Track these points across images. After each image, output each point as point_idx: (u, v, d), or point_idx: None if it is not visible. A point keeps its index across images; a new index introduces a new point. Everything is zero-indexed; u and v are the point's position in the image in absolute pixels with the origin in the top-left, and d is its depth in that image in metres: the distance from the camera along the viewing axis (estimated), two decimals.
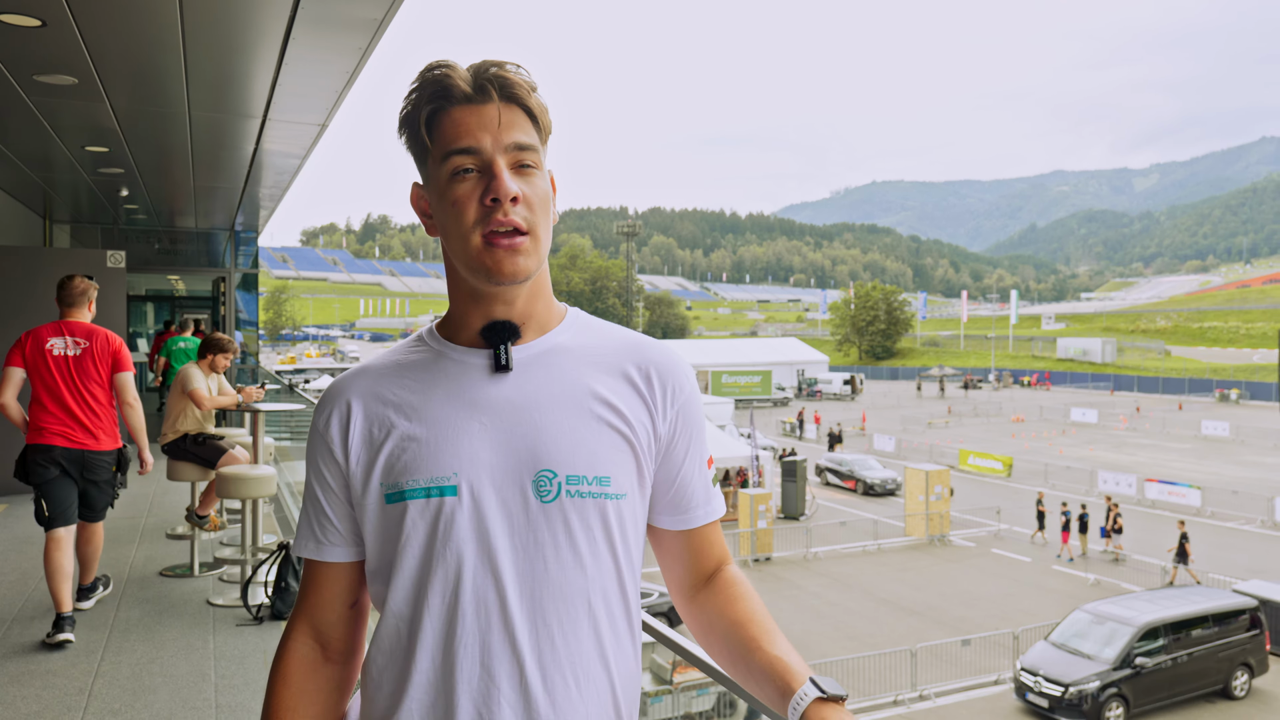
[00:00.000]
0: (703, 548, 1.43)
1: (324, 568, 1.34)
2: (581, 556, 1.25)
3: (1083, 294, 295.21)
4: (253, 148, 7.26)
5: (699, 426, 1.42)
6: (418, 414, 1.27)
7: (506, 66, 1.27)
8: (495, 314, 1.30)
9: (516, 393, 1.28)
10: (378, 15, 4.08)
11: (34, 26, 4.26)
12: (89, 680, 4.25)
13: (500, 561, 1.22)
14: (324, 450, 1.32)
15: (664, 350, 1.39)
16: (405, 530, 1.23)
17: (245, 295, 15.84)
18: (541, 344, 1.32)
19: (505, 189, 1.22)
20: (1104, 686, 15.06)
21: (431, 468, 1.23)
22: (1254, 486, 32.46)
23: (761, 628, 1.33)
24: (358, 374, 1.35)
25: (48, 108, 5.93)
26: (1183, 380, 75.47)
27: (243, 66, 4.99)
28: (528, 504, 1.23)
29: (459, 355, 1.31)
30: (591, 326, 1.39)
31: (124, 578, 6.00)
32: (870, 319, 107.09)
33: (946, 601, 21.00)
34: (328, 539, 1.33)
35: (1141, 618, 16.05)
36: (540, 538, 1.23)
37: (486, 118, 1.24)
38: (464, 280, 1.30)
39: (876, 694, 15.92)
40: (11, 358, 5.02)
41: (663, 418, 1.35)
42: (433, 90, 1.25)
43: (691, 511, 1.41)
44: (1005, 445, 43.33)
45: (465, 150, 1.23)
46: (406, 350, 1.37)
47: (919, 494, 26.88)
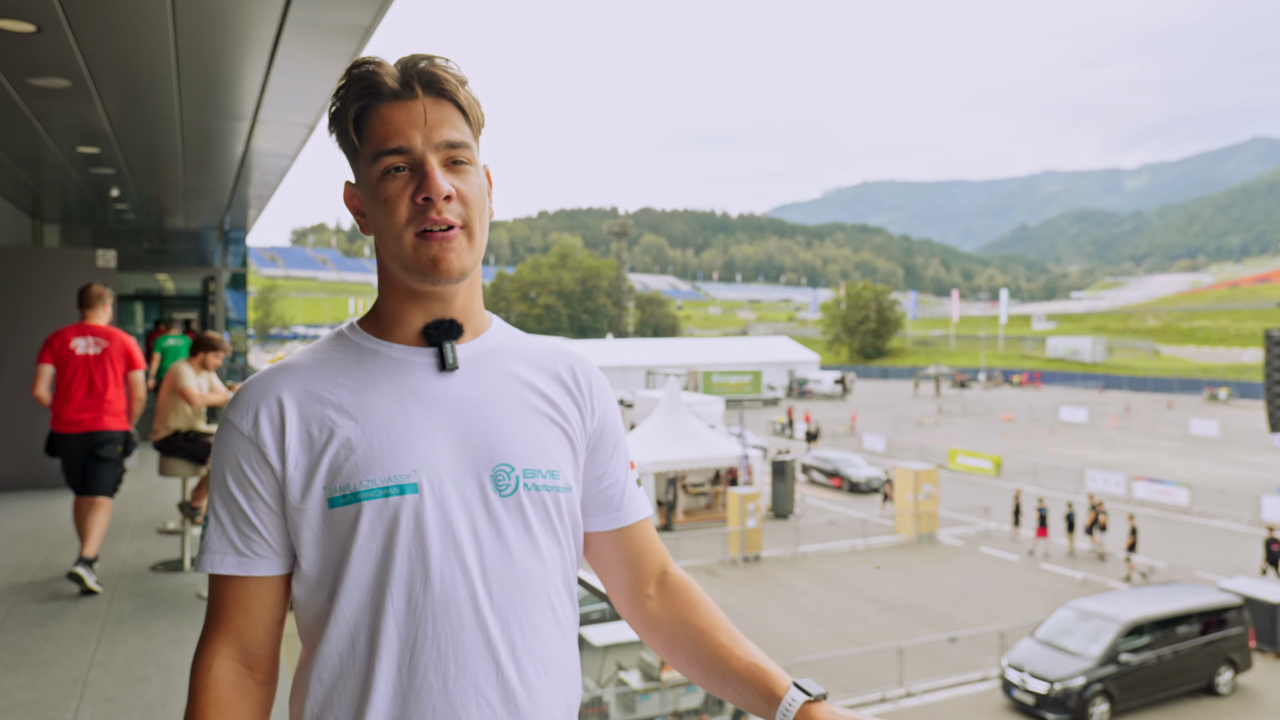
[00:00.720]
0: (641, 547, 1.44)
1: (251, 584, 1.25)
2: (540, 548, 1.26)
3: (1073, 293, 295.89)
4: (242, 149, 7.35)
5: (621, 428, 1.45)
6: (362, 413, 1.23)
7: (435, 61, 1.25)
8: (435, 312, 1.29)
9: (465, 390, 1.28)
10: (365, 22, 4.18)
11: (29, 32, 4.35)
12: (84, 670, 4.34)
13: (467, 556, 1.21)
14: (252, 455, 1.24)
15: (582, 355, 1.43)
16: (360, 533, 1.19)
17: (234, 294, 15.89)
18: (480, 343, 1.33)
19: (438, 188, 1.20)
20: (1089, 683, 15.20)
21: (388, 466, 1.21)
22: (1241, 485, 32.72)
23: (729, 634, 1.35)
24: (281, 371, 1.28)
25: (40, 110, 6.01)
26: (1172, 380, 75.92)
27: (233, 70, 5.08)
28: (488, 498, 1.24)
29: (398, 353, 1.29)
30: (514, 332, 1.41)
31: (116, 572, 6.08)
32: (861, 318, 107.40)
33: (934, 600, 21.14)
34: (254, 551, 1.25)
35: (1126, 615, 16.20)
36: (503, 531, 1.23)
37: (415, 115, 1.22)
38: (399, 279, 1.29)
39: (864, 691, 16.05)
40: (43, 356, 5.86)
41: (591, 416, 1.38)
42: (360, 88, 1.23)
43: (623, 509, 1.43)
44: (995, 445, 43.55)
45: (395, 150, 1.22)
46: (330, 349, 1.32)
47: (907, 493, 27.04)
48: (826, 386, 71.43)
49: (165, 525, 7.49)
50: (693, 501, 28.97)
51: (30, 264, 9.29)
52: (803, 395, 71.50)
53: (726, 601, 20.86)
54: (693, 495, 28.92)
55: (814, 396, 71.10)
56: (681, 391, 31.59)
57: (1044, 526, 25.08)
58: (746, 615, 19.92)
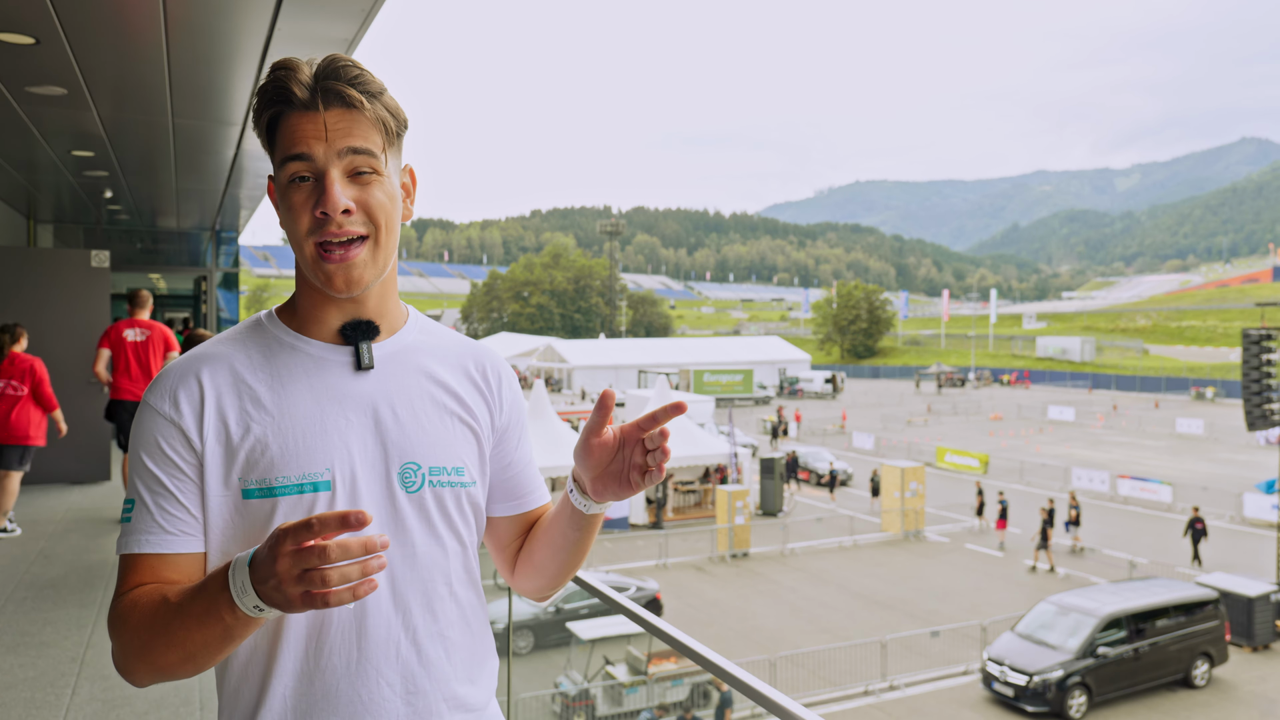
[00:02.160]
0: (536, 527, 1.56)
1: (170, 560, 1.25)
2: (442, 540, 1.34)
3: (1064, 293, 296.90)
4: (233, 153, 7.57)
5: (525, 421, 1.54)
6: (279, 409, 1.28)
7: (349, 69, 1.25)
8: (350, 312, 1.34)
9: (378, 389, 1.33)
10: (349, 35, 4.41)
11: (28, 44, 4.58)
12: (80, 650, 4.57)
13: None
14: (175, 435, 1.26)
15: (493, 351, 1.50)
16: (274, 526, 1.20)
17: (226, 293, 16.07)
18: (395, 342, 1.38)
19: (335, 202, 1.23)
20: (1067, 675, 15.48)
21: (303, 463, 1.25)
22: (1224, 483, 33.06)
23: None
24: (202, 359, 1.31)
25: (36, 116, 6.23)
26: (1160, 379, 76.33)
27: (223, 79, 5.31)
28: (394, 495, 1.30)
29: (316, 350, 1.33)
30: (430, 327, 1.46)
31: (110, 562, 6.30)
32: (852, 318, 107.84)
33: (919, 595, 21.42)
34: (178, 529, 1.25)
35: (1104, 609, 16.49)
36: (408, 525, 1.30)
37: (319, 125, 1.23)
38: (306, 277, 1.34)
39: (848, 684, 16.30)
40: (102, 342, 7.80)
41: (499, 411, 1.46)
42: (272, 94, 1.25)
43: (525, 498, 1.53)
44: (983, 443, 43.89)
45: (298, 157, 1.23)
46: (248, 339, 1.35)
47: (894, 490, 27.32)
48: (817, 386, 71.78)
49: None
50: (682, 499, 29.25)
51: (26, 264, 9.50)
52: (794, 394, 71.81)
53: (714, 598, 21.14)
54: (682, 493, 29.20)
55: (805, 396, 71.45)
56: (671, 390, 31.85)
57: (1003, 519, 25.78)
58: (734, 611, 20.18)
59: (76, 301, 9.50)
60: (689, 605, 20.36)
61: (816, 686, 16.25)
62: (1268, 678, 17.06)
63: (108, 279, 9.74)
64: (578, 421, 33.41)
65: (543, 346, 75.87)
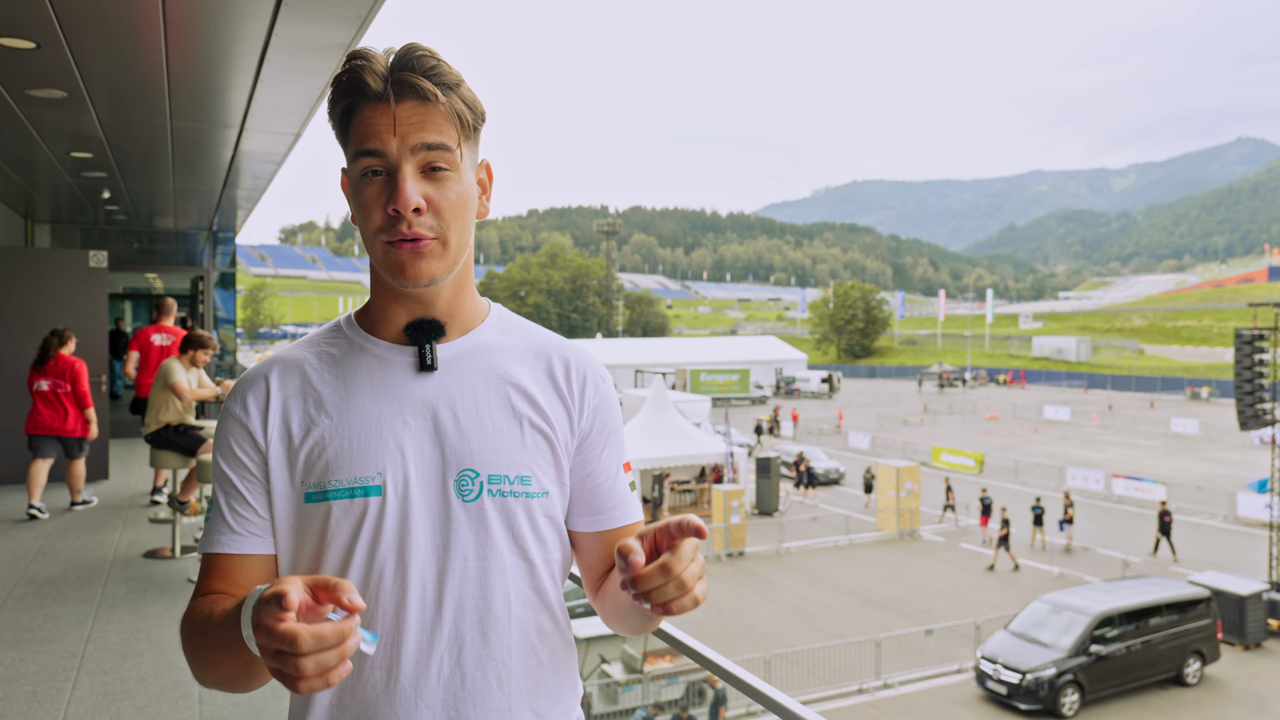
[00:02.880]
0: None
1: (238, 560, 1.26)
2: (501, 556, 1.25)
3: (1060, 293, 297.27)
4: (230, 154, 7.64)
5: (615, 428, 1.41)
6: (339, 410, 1.25)
7: (424, 60, 1.22)
8: (418, 311, 1.29)
9: (441, 392, 1.27)
10: (344, 40, 4.48)
11: (29, 49, 4.64)
12: (81, 645, 4.64)
13: (423, 561, 1.22)
14: (244, 437, 1.27)
15: (581, 350, 1.39)
16: (329, 531, 1.22)
17: (222, 293, 16.12)
18: (465, 342, 1.32)
19: (406, 200, 1.19)
20: (1060, 674, 15.57)
21: (355, 467, 1.22)
22: (1218, 482, 33.19)
23: None
24: (276, 363, 1.31)
25: (36, 118, 6.29)
26: (1155, 379, 76.53)
27: (221, 82, 5.38)
28: (449, 503, 1.24)
29: (381, 351, 1.30)
30: (513, 324, 1.39)
31: (109, 559, 6.37)
32: (849, 318, 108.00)
33: (913, 594, 21.51)
34: (247, 530, 1.26)
35: (1097, 607, 16.60)
36: (462, 537, 1.23)
37: (392, 118, 1.20)
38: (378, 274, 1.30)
39: (842, 683, 16.39)
40: (132, 345, 8.88)
41: (579, 415, 1.35)
42: (347, 85, 1.22)
43: (608, 512, 1.38)
44: (979, 442, 43.99)
45: (371, 152, 1.20)
46: (324, 340, 1.34)
47: (889, 490, 27.42)
48: (814, 385, 71.91)
49: (156, 515, 7.78)
50: (678, 499, 29.32)
51: (24, 264, 9.55)
52: (790, 394, 71.93)
53: (711, 596, 21.19)
54: (678, 492, 29.28)
55: (801, 395, 71.57)
56: (668, 390, 31.93)
57: (986, 515, 26.13)
58: (730, 610, 20.26)
59: (74, 301, 9.56)
60: None
61: (811, 685, 16.33)
62: (1259, 675, 17.17)
63: (105, 279, 9.80)
64: None
65: None
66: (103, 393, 9.62)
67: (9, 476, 9.21)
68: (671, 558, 1.07)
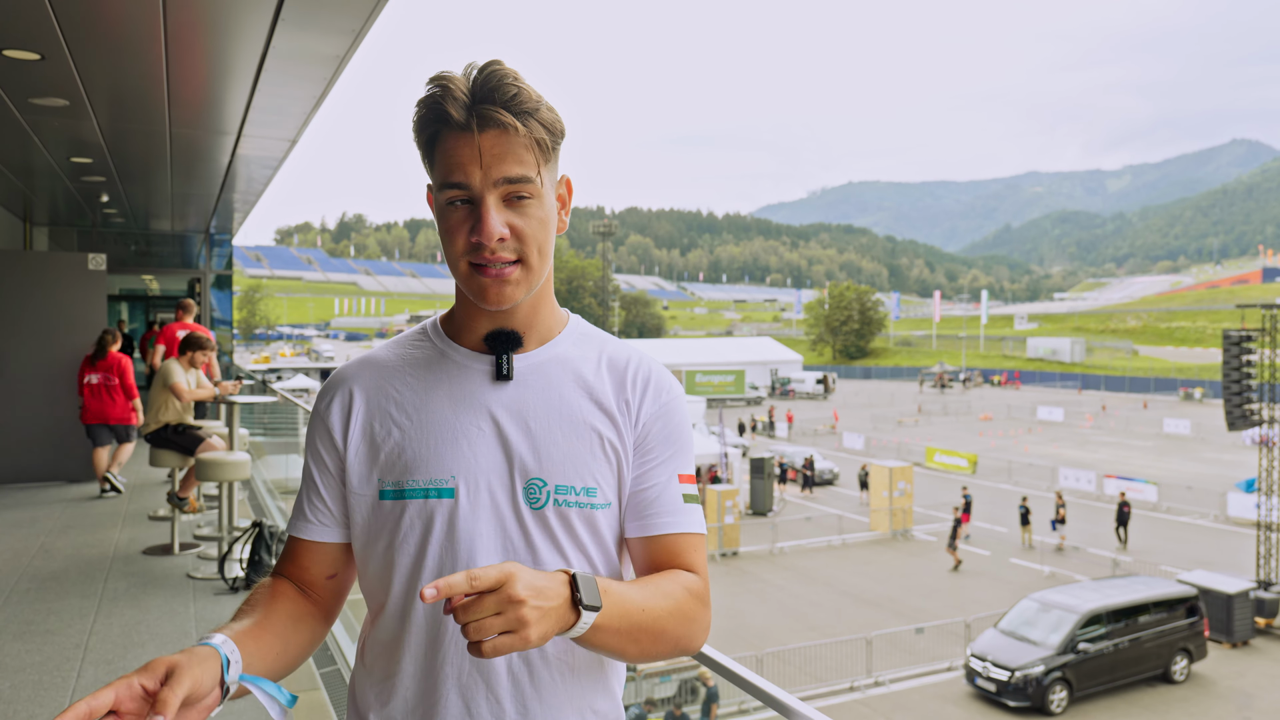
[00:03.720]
0: (663, 557, 1.36)
1: (306, 545, 1.38)
2: (568, 562, 1.29)
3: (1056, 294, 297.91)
4: (228, 160, 7.78)
5: (675, 438, 1.40)
6: (419, 413, 1.31)
7: (506, 88, 1.24)
8: (499, 321, 1.34)
9: (515, 401, 1.32)
10: (340, 52, 4.63)
11: (34, 60, 4.79)
12: (84, 637, 4.79)
13: (491, 562, 1.26)
14: (324, 434, 1.36)
15: (648, 360, 1.43)
16: (403, 529, 1.28)
17: (219, 294, 16.24)
18: (542, 353, 1.36)
19: (490, 230, 1.23)
20: (1048, 671, 15.74)
21: (431, 469, 1.28)
22: (1209, 482, 33.34)
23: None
24: (363, 364, 1.39)
25: (37, 125, 6.44)
26: (1149, 379, 76.76)
27: (219, 91, 5.53)
28: (519, 510, 1.28)
29: (462, 358, 1.35)
30: (590, 336, 1.43)
31: (110, 555, 6.51)
32: (844, 319, 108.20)
33: (905, 593, 21.68)
34: (318, 519, 1.37)
35: (1085, 605, 16.77)
36: (530, 543, 1.27)
37: (477, 150, 1.23)
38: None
39: (834, 680, 16.54)
40: (159, 339, 9.34)
41: (636, 424, 1.37)
42: (430, 114, 1.25)
43: (654, 518, 1.36)
44: (972, 443, 44.15)
45: (456, 185, 1.24)
46: (411, 344, 1.41)
47: (883, 490, 27.59)
48: (809, 386, 72.07)
49: (155, 512, 7.92)
50: None
51: (24, 267, 9.69)
52: (785, 395, 72.10)
53: None
54: None
55: (797, 396, 71.73)
56: None
57: (967, 513, 26.55)
58: (723, 609, 20.40)
59: (74, 304, 9.70)
60: None
61: (803, 682, 16.48)
62: (1245, 673, 17.36)
63: (104, 281, 9.93)
64: None
65: None
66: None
67: (12, 475, 9.35)
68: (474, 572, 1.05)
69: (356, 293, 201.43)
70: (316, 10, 4.10)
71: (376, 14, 4.24)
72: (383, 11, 4.22)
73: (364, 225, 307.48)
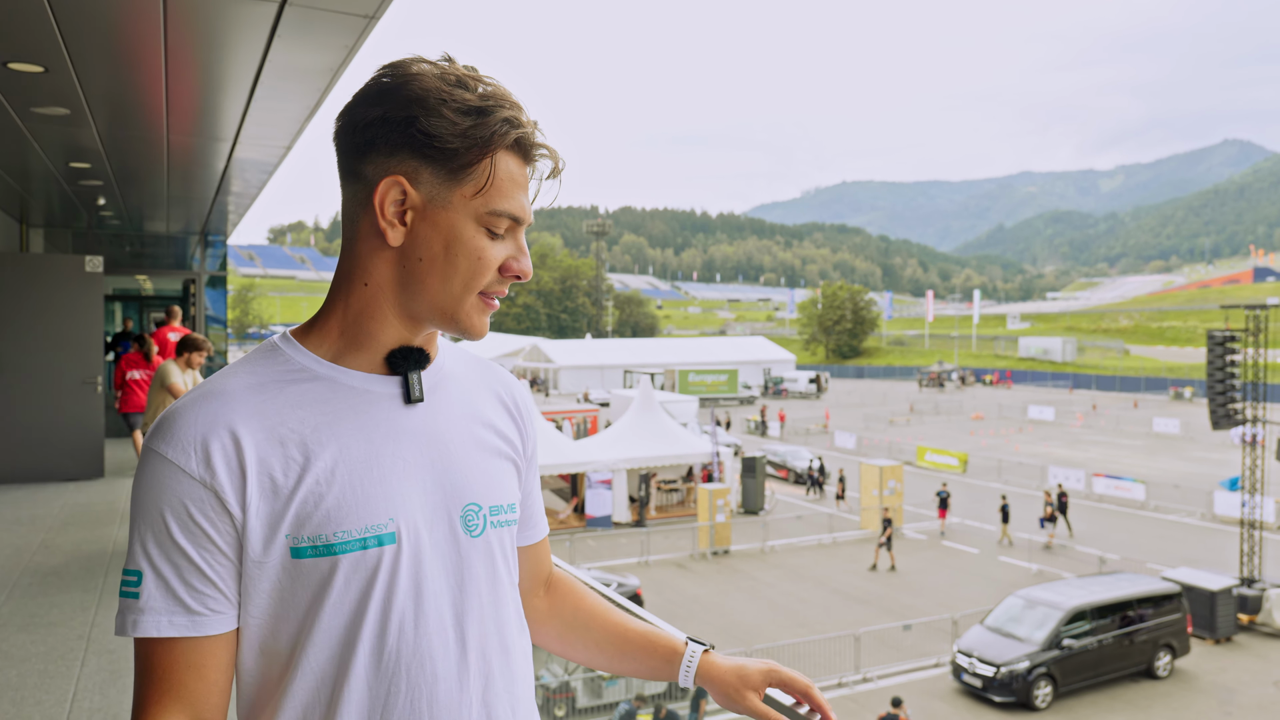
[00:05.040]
0: (541, 558, 1.46)
1: (205, 645, 1.09)
2: (503, 585, 1.24)
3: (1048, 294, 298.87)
4: (224, 165, 7.95)
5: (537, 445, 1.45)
6: (330, 453, 1.12)
7: (542, 132, 1.21)
8: (400, 337, 1.20)
9: (429, 425, 1.20)
10: (334, 64, 4.81)
11: (37, 72, 4.97)
12: (87, 629, 4.97)
13: (441, 606, 1.15)
14: (206, 501, 1.07)
15: (511, 375, 1.40)
16: (334, 588, 1.09)
17: (213, 294, 16.38)
18: (437, 372, 1.25)
19: (528, 269, 1.19)
20: (1033, 667, 15.96)
21: (364, 515, 1.11)
22: (1197, 481, 33.64)
23: (618, 614, 1.45)
24: (226, 400, 1.11)
25: (37, 132, 6.59)
26: (1139, 379, 77.18)
27: (217, 101, 5.70)
28: (458, 541, 1.18)
29: (359, 383, 1.17)
30: (452, 350, 1.33)
31: (109, 552, 6.69)
32: (837, 318, 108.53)
33: (894, 591, 21.91)
34: (209, 608, 1.08)
35: (1069, 602, 17.00)
36: (475, 573, 1.19)
37: (532, 187, 1.19)
38: (394, 305, 1.18)
39: (822, 677, 16.75)
40: (153, 340, 10.48)
41: (529, 441, 1.36)
42: (513, 129, 1.15)
43: (535, 528, 1.42)
44: (963, 442, 44.44)
45: (513, 217, 1.16)
46: (273, 370, 1.16)
47: (873, 488, 27.81)
48: (802, 386, 72.34)
49: None
50: (664, 498, 29.70)
51: (21, 269, 9.85)
52: (778, 394, 72.35)
53: (694, 594, 21.57)
54: (664, 492, 29.65)
55: (789, 395, 71.99)
56: (655, 390, 32.31)
57: (944, 509, 27.41)
58: (714, 606, 20.61)
59: (70, 306, 9.85)
60: (669, 601, 20.78)
61: None
62: (1228, 669, 17.61)
63: (101, 284, 10.08)
64: (561, 421, 33.79)
65: (528, 347, 76.05)
66: (98, 394, 9.93)
67: (11, 475, 9.51)
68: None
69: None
70: (311, 27, 4.27)
71: (370, 29, 4.41)
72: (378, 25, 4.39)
73: None
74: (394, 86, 1.13)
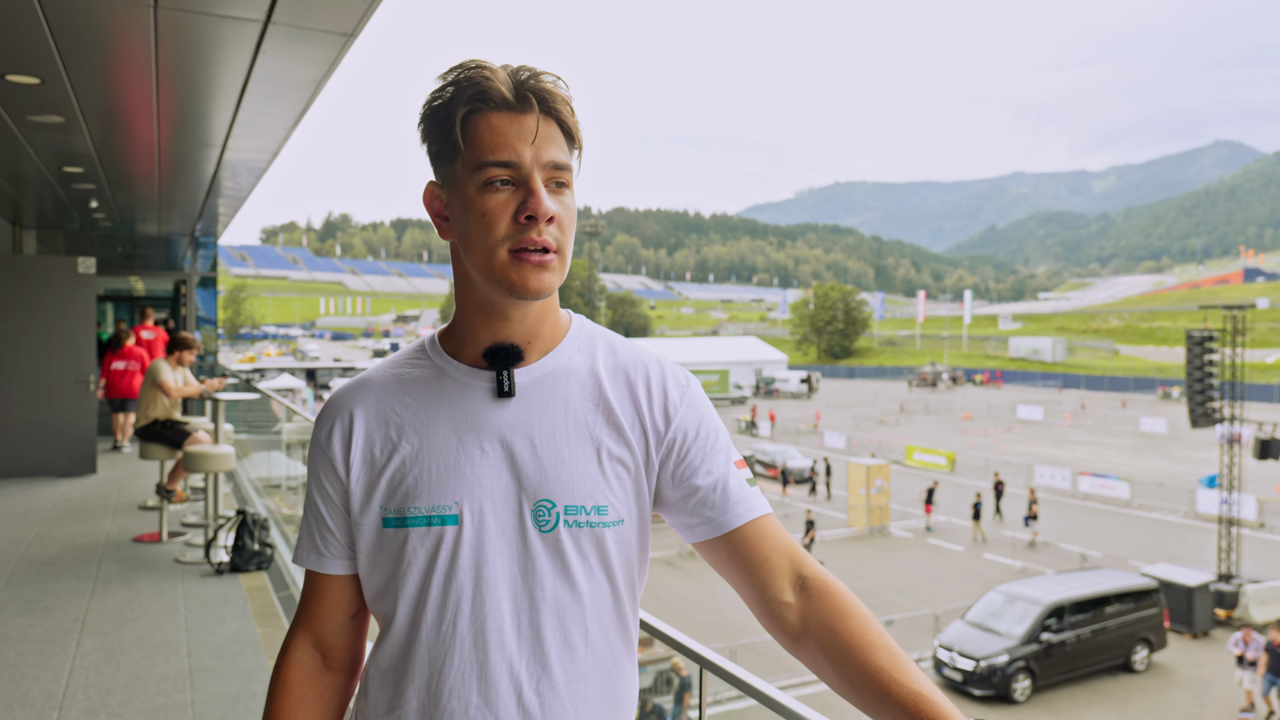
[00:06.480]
0: (758, 549, 1.27)
1: (325, 579, 1.33)
2: (578, 585, 1.23)
3: (1041, 294, 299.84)
4: (213, 169, 8.20)
5: (708, 432, 1.32)
6: (420, 436, 1.25)
7: (546, 77, 1.22)
8: (501, 332, 1.27)
9: (518, 419, 1.24)
10: (317, 77, 5.07)
11: (34, 84, 5.22)
12: (81, 613, 5.22)
13: (499, 591, 1.21)
14: (325, 464, 1.30)
15: (661, 362, 1.35)
16: (406, 556, 1.22)
17: (204, 294, 16.57)
18: (544, 365, 1.28)
19: (544, 208, 1.17)
20: (1012, 661, 16.24)
21: (434, 495, 1.22)
22: (1181, 479, 33.94)
23: (888, 654, 1.14)
24: (360, 386, 1.32)
25: (32, 138, 6.83)
26: (1128, 379, 77.44)
27: (206, 110, 5.95)
28: (526, 534, 1.21)
29: (462, 375, 1.28)
30: (594, 339, 1.36)
31: (101, 543, 6.93)
32: (829, 319, 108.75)
33: (880, 588, 22.16)
34: (329, 551, 1.31)
35: (1049, 597, 17.28)
36: (539, 567, 1.21)
37: (526, 129, 1.19)
38: (476, 291, 1.26)
39: (805, 672, 16.94)
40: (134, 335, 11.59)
41: (660, 434, 1.29)
42: (471, 91, 1.19)
43: (717, 518, 1.28)
44: (952, 441, 44.68)
45: (503, 163, 1.18)
46: (409, 362, 1.33)
47: (860, 487, 28.07)
48: (793, 386, 72.54)
49: (145, 503, 8.35)
50: None
51: (14, 271, 10.07)
52: (769, 394, 72.60)
53: (682, 591, 21.82)
54: None
55: (781, 395, 72.23)
56: None
57: (929, 504, 28.18)
58: (700, 603, 20.84)
59: (63, 306, 10.09)
60: (656, 598, 21.01)
61: (776, 673, 16.90)
62: (1204, 663, 17.91)
63: (93, 285, 10.31)
64: None
65: None
66: (90, 392, 10.15)
67: (6, 471, 9.74)
68: None
69: (342, 292, 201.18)
70: (294, 44, 4.52)
71: (350, 43, 4.66)
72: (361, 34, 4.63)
73: (350, 225, 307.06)
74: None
